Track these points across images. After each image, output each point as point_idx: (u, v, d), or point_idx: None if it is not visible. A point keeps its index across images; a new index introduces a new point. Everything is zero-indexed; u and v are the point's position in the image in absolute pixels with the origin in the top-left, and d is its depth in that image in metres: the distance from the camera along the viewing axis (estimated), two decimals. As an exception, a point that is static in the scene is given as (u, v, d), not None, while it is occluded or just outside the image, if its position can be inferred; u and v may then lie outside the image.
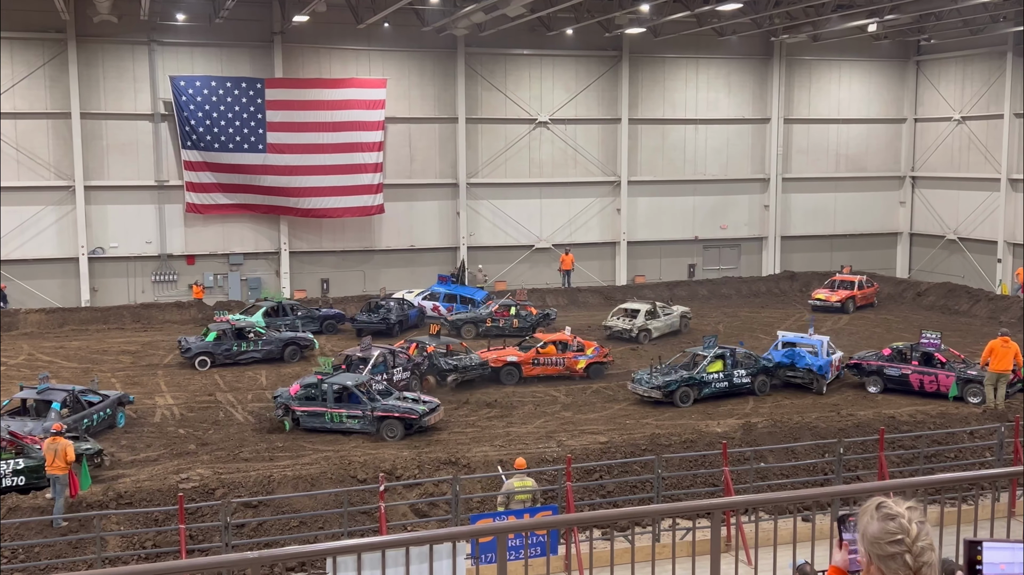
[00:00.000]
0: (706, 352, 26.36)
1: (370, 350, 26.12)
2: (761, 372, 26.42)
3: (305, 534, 16.29)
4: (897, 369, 26.33)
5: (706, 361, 26.03)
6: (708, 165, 45.42)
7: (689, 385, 25.47)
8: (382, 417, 22.64)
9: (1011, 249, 42.42)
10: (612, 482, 17.89)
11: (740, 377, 26.06)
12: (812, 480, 18.55)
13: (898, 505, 3.45)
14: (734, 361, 26.17)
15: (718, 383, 25.87)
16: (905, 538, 3.36)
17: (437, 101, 41.63)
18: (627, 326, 33.82)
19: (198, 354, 29.69)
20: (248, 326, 31.04)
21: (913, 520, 3.40)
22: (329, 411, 22.86)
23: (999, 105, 42.65)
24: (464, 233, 42.19)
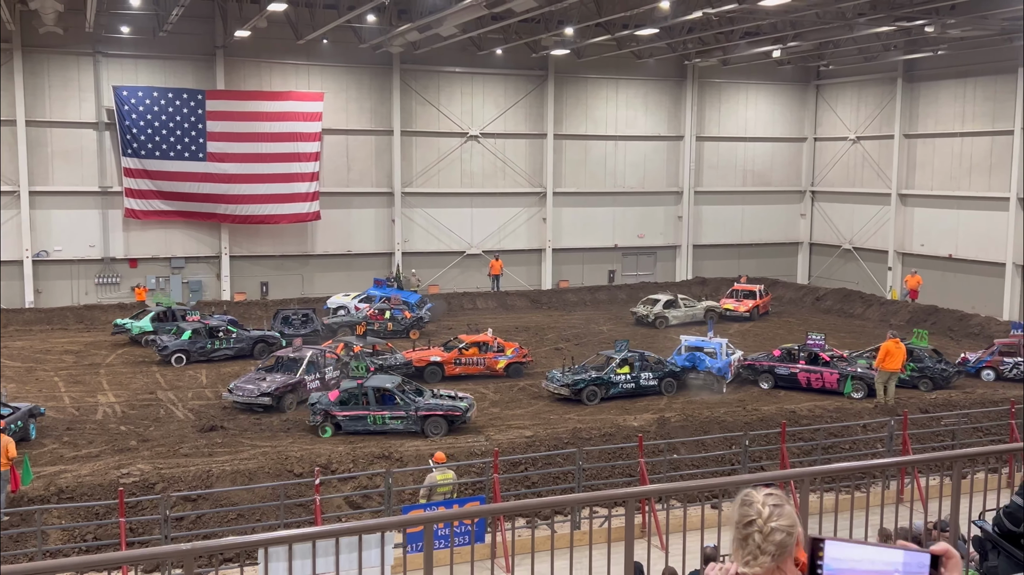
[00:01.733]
0: (616, 355, 26.57)
1: (302, 350, 25.85)
2: (668, 375, 26.64)
3: (243, 526, 15.99)
4: (786, 368, 26.91)
5: (615, 363, 26.23)
6: (627, 178, 45.87)
7: (597, 384, 25.56)
8: (426, 416, 22.00)
9: (900, 258, 43.68)
10: (536, 473, 17.94)
11: (647, 379, 26.26)
12: (720, 470, 18.82)
13: (758, 493, 3.49)
14: (642, 364, 26.39)
15: (625, 384, 26.00)
16: (757, 519, 3.39)
17: (373, 114, 41.33)
18: (646, 312, 36.51)
19: (174, 352, 29.32)
20: (219, 325, 30.53)
21: (767, 504, 3.43)
22: (372, 414, 22.08)
23: (890, 126, 43.90)
24: (399, 239, 41.94)
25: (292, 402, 24.37)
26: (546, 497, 16.91)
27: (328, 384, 25.42)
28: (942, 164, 41.76)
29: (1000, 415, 20.76)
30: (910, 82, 43.01)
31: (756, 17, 32.71)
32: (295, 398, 24.53)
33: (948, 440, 20.23)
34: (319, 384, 25.15)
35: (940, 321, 37.29)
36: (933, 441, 20.36)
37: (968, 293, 39.51)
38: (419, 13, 30.71)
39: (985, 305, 38.33)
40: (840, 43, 38.58)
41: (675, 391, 26.55)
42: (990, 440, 20.47)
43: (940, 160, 41.87)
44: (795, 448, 19.22)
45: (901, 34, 35.88)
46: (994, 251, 38.94)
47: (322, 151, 39.91)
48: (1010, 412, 19.96)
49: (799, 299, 43.95)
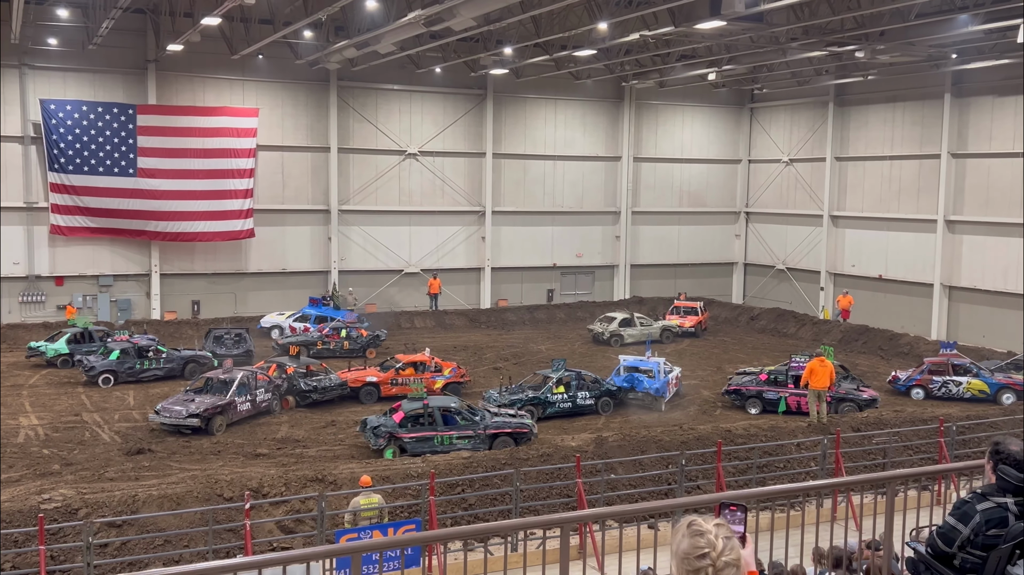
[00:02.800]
0: (552, 374, 26.49)
1: (232, 372, 25.34)
2: (605, 394, 26.57)
3: (170, 553, 15.49)
4: (775, 392, 26.79)
5: (551, 383, 26.10)
6: (565, 198, 46.12)
7: (533, 404, 25.40)
8: (495, 434, 22.11)
9: (832, 278, 44.58)
10: (474, 495, 17.74)
11: (584, 399, 26.18)
12: (657, 490, 18.85)
13: (707, 522, 3.45)
14: (579, 383, 26.24)
15: (562, 403, 25.86)
16: (711, 552, 3.36)
17: (310, 131, 40.92)
18: (602, 330, 36.65)
19: (102, 372, 28.58)
20: (149, 345, 29.80)
21: (719, 536, 3.39)
22: (439, 434, 21.93)
23: (822, 149, 44.92)
24: (335, 257, 41.48)
25: (221, 424, 23.85)
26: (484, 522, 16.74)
27: (259, 406, 24.99)
28: (872, 186, 42.84)
29: (930, 434, 21.19)
30: (841, 106, 44.08)
31: (692, 40, 33.23)
32: (224, 420, 23.99)
33: (880, 458, 20.57)
34: (250, 406, 24.73)
35: (871, 340, 38.10)
36: (865, 459, 20.68)
37: (898, 313, 40.48)
38: (356, 30, 30.54)
39: (914, 325, 39.31)
40: (773, 67, 39.41)
41: (612, 410, 26.55)
42: (920, 458, 20.86)
43: (870, 182, 42.94)
44: (731, 467, 19.35)
45: (832, 59, 36.77)
46: (922, 272, 39.99)
47: (257, 168, 39.36)
48: (939, 431, 20.38)
49: (734, 318, 44.55)
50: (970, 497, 5.24)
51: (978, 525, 5.03)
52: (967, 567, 5.10)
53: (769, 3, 24.07)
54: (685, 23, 27.16)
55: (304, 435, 23.91)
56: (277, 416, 25.69)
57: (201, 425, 23.30)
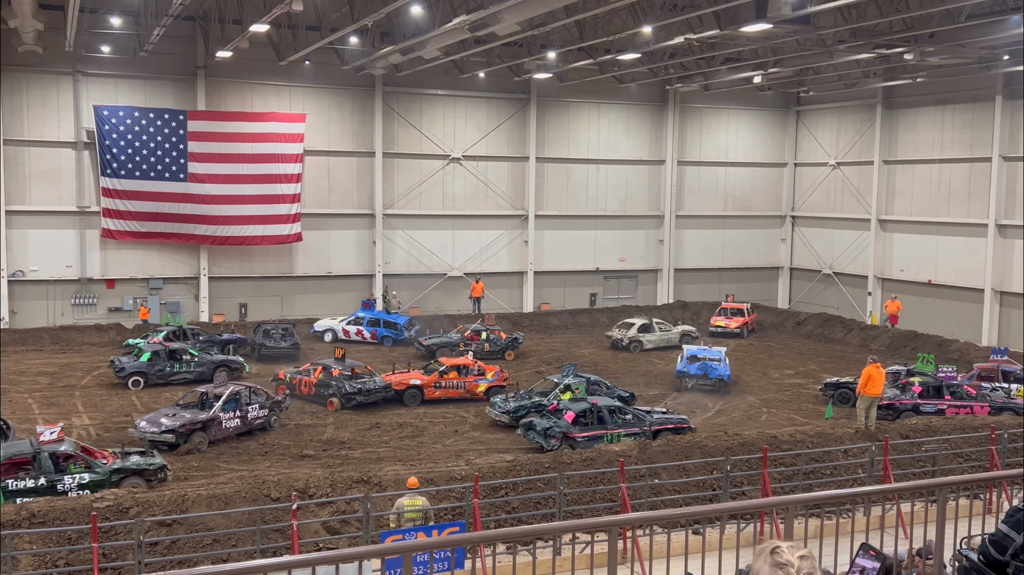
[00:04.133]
0: (561, 380, 25.97)
1: (224, 385, 24.35)
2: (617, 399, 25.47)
3: (218, 552, 15.74)
4: (933, 405, 26.03)
5: (557, 389, 25.44)
6: (608, 202, 46.03)
7: (538, 411, 24.54)
8: (658, 430, 22.87)
9: (880, 283, 43.97)
10: (517, 499, 17.77)
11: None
12: (702, 495, 18.73)
13: (791, 552, 3.38)
14: (587, 390, 25.33)
15: None
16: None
17: (355, 136, 41.32)
18: (620, 336, 36.35)
19: (131, 374, 28.79)
20: (181, 348, 30.08)
21: (802, 571, 3.33)
22: (609, 432, 22.62)
23: (870, 152, 44.33)
24: (380, 261, 41.83)
25: (202, 441, 22.59)
26: (527, 524, 16.77)
27: (251, 423, 23.86)
28: (921, 190, 42.19)
29: (980, 441, 20.83)
30: (889, 109, 43.49)
31: (737, 43, 33.02)
32: (206, 437, 22.75)
33: (929, 466, 20.27)
34: (239, 423, 23.57)
35: (920, 346, 37.47)
36: (913, 467, 20.38)
37: (947, 318, 39.80)
38: (401, 36, 30.80)
39: (964, 331, 38.62)
40: (820, 69, 38.99)
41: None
42: (970, 466, 20.51)
43: (919, 186, 42.29)
44: (776, 473, 19.18)
45: (880, 61, 36.31)
46: (973, 277, 39.28)
47: (303, 172, 39.81)
48: (990, 438, 20.03)
49: (779, 323, 44.11)
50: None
51: (1032, 534, 4.98)
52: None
53: (816, 5, 23.84)
54: (730, 26, 26.98)
55: (349, 437, 24.14)
56: (323, 418, 25.97)
57: (178, 441, 22.19)
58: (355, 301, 40.44)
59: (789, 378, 32.92)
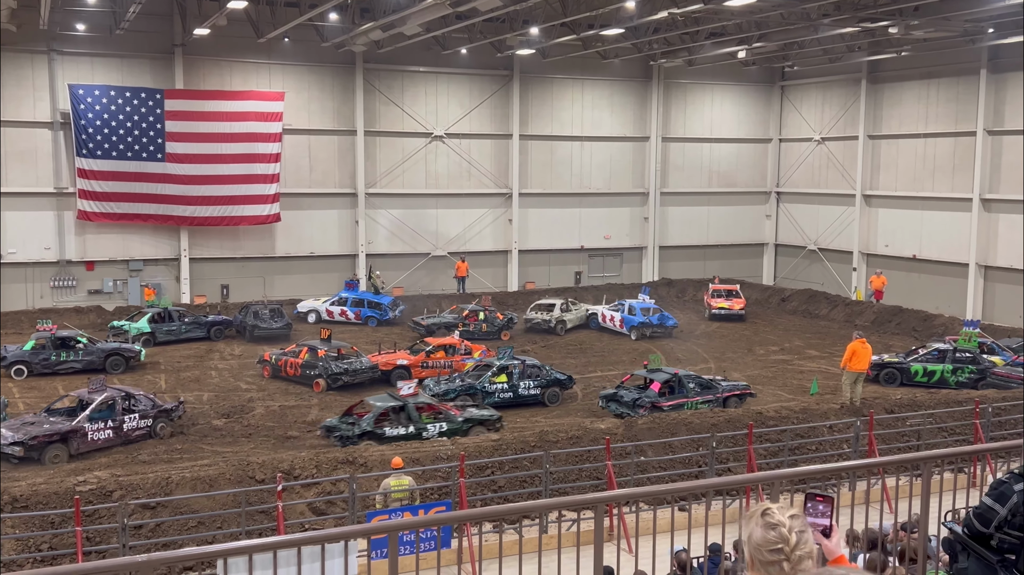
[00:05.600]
0: (495, 362, 25.74)
1: (100, 390, 21.54)
2: (553, 384, 25.64)
3: (203, 534, 15.75)
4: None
5: (490, 372, 25.29)
6: (593, 179, 45.98)
7: (469, 394, 24.57)
8: (727, 397, 24.27)
9: (865, 259, 44.19)
10: (503, 477, 17.87)
11: (527, 388, 25.23)
12: (688, 472, 18.88)
13: (781, 513, 3.39)
14: (522, 372, 25.32)
15: (502, 393, 24.93)
16: (784, 547, 3.32)
17: (336, 114, 41.05)
18: (546, 317, 35.81)
19: (13, 363, 27.28)
20: (71, 336, 28.57)
21: (794, 530, 3.34)
22: (689, 400, 23.69)
23: (854, 127, 44.41)
24: (363, 241, 41.69)
25: (58, 456, 20.19)
26: (513, 502, 16.83)
27: (128, 435, 21.40)
28: (906, 165, 42.34)
29: (965, 415, 21.04)
30: (874, 83, 43.55)
31: (721, 18, 32.94)
32: (65, 450, 20.37)
33: (913, 440, 20.47)
34: (111, 434, 21.13)
35: (905, 321, 37.77)
36: (899, 441, 20.58)
37: (932, 293, 40.07)
38: (382, 12, 30.55)
39: (949, 305, 38.90)
40: (805, 44, 38.97)
41: (559, 401, 25.69)
42: (955, 440, 20.73)
43: (904, 161, 42.44)
44: (762, 450, 19.33)
45: (865, 35, 36.31)
46: (957, 251, 39.53)
47: (283, 152, 39.56)
48: (974, 412, 20.23)
49: (765, 300, 44.30)
50: (1007, 477, 5.23)
51: (1016, 505, 5.04)
52: (1004, 547, 5.10)
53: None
54: (714, 0, 26.92)
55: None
56: (308, 399, 25.95)
57: (29, 455, 19.88)
58: (338, 281, 40.34)
59: (774, 354, 33.11)
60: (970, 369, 27.76)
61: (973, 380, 27.54)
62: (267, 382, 27.79)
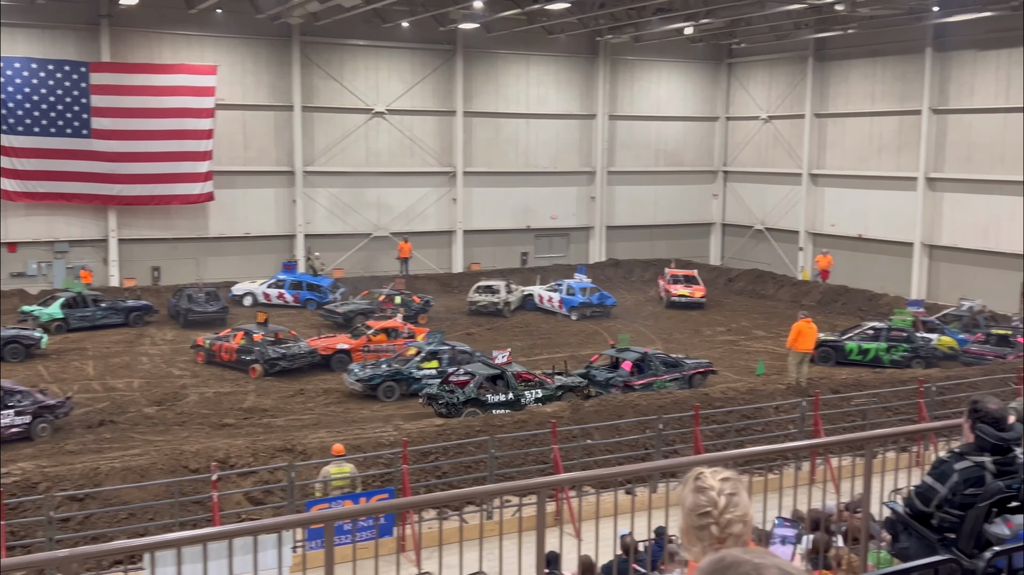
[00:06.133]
0: (425, 347, 25.55)
1: None
2: None
3: (135, 526, 15.50)
4: None
5: (418, 357, 25.01)
6: (539, 158, 45.99)
7: (395, 380, 24.37)
8: (692, 375, 25.12)
9: (811, 238, 44.93)
10: (448, 463, 17.86)
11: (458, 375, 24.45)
12: (635, 455, 19.05)
13: (713, 477, 3.38)
14: (452, 358, 25.02)
15: (430, 380, 24.39)
16: (712, 510, 3.32)
17: (272, 88, 40.43)
18: (494, 300, 35.65)
19: None
20: None
21: (723, 492, 3.34)
22: (659, 378, 24.62)
23: (801, 106, 45.01)
24: (301, 221, 41.22)
25: None
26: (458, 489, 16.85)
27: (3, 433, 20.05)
28: (852, 144, 43.06)
29: (909, 394, 21.54)
30: (821, 61, 44.14)
31: (668, -7, 33.06)
32: None
33: (859, 420, 20.90)
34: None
35: (851, 301, 38.51)
36: (844, 421, 21.00)
37: (878, 273, 40.88)
38: (320, -17, 30.12)
39: (894, 285, 39.73)
40: (751, 20, 39.35)
41: None
42: (900, 419, 21.21)
43: (850, 140, 43.16)
44: (709, 431, 19.57)
45: (812, 12, 36.74)
46: (902, 231, 40.36)
47: (216, 128, 38.87)
48: (919, 391, 20.72)
49: (712, 280, 44.74)
50: (948, 456, 5.35)
51: (956, 484, 5.15)
52: (945, 526, 5.22)
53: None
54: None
55: (272, 404, 23.91)
56: (244, 386, 25.64)
57: None
58: (276, 263, 39.85)
59: (721, 335, 33.56)
60: (904, 347, 28.45)
61: (907, 358, 28.27)
62: (201, 368, 27.40)
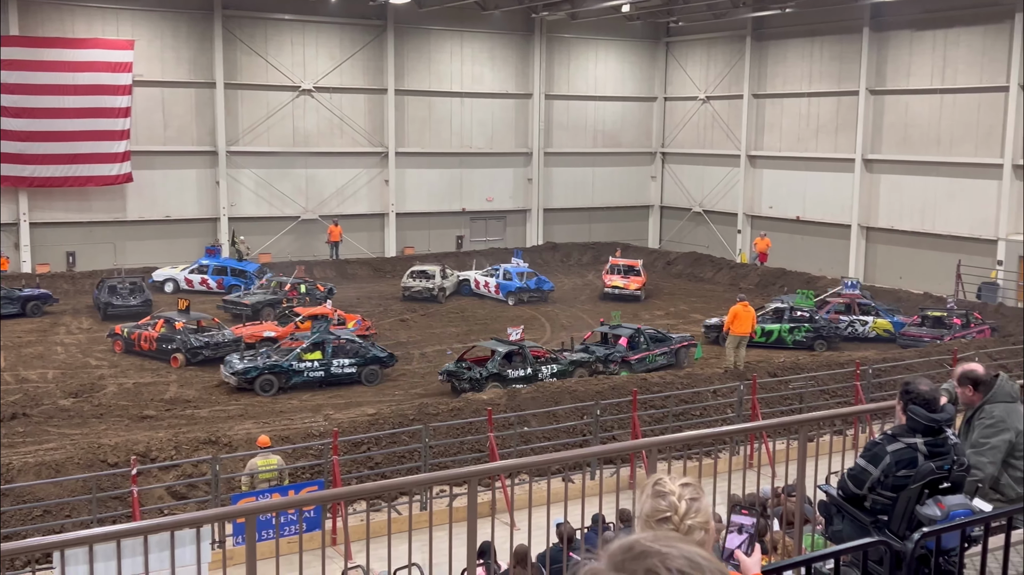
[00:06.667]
0: (310, 337, 25.07)
1: None
2: (372, 362, 24.90)
3: (50, 523, 15.16)
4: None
5: (299, 348, 24.48)
6: (474, 138, 45.87)
7: (274, 373, 23.78)
8: (678, 349, 26.61)
9: (749, 220, 45.60)
10: (380, 453, 17.81)
11: (341, 367, 24.42)
12: (572, 442, 19.21)
13: (672, 482, 3.39)
14: (335, 349, 24.59)
15: (312, 372, 24.16)
16: (673, 516, 3.32)
17: (193, 64, 39.62)
18: (429, 285, 35.37)
19: None
20: None
21: (684, 497, 3.34)
22: (651, 354, 25.99)
23: (739, 86, 45.57)
24: (225, 203, 40.55)
25: None
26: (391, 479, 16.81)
27: None
28: (790, 125, 43.76)
29: (846, 377, 22.04)
30: (759, 40, 44.72)
31: (605, -31, 33.14)
32: None
33: (796, 403, 21.34)
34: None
35: (789, 283, 39.18)
36: (782, 405, 21.42)
37: (815, 255, 41.70)
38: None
39: (832, 267, 40.56)
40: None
41: (379, 380, 24.90)
42: (837, 402, 21.71)
43: (788, 121, 43.85)
44: (646, 416, 19.81)
45: (750, -9, 37.14)
46: (840, 212, 41.20)
47: (134, 106, 37.99)
48: (855, 374, 21.21)
49: (650, 264, 45.12)
50: (881, 438, 5.48)
51: (888, 466, 5.26)
52: (877, 508, 5.34)
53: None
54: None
55: (195, 395, 23.56)
56: (165, 376, 25.20)
57: None
58: (198, 247, 39.15)
59: (660, 319, 33.89)
60: (806, 328, 29.15)
61: (810, 338, 29.04)
62: (120, 358, 26.85)
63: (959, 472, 5.33)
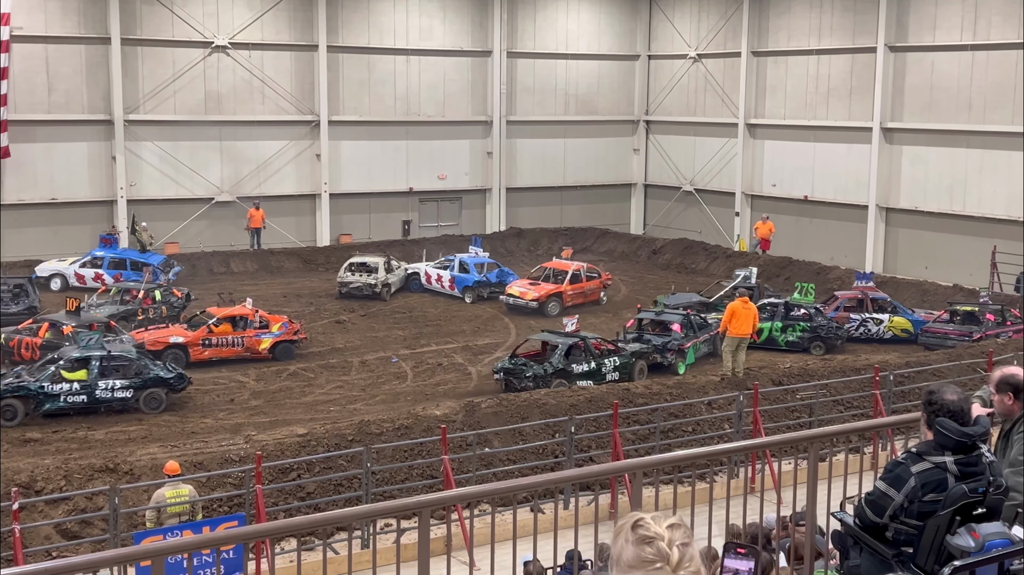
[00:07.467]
0: (84, 351, 23.70)
1: None
2: (155, 383, 23.70)
3: (-88, 572, 14.94)
4: None
5: (58, 364, 23.14)
6: (423, 104, 45.79)
7: (20, 397, 22.47)
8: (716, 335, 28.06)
9: (749, 201, 45.89)
10: (313, 481, 17.76)
11: (111, 389, 23.24)
12: (542, 464, 19.24)
13: (658, 523, 3.32)
14: (107, 368, 23.43)
15: (71, 396, 22.89)
16: (664, 566, 3.24)
17: (83, 17, 39.26)
18: (370, 280, 35.33)
19: None
20: None
21: (675, 542, 3.27)
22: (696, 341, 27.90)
23: (736, 42, 45.82)
24: (123, 183, 40.22)
25: None
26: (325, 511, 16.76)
27: None
28: (796, 88, 44.08)
29: (863, 385, 22.26)
30: (759, -12, 44.99)
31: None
32: None
33: (805, 416, 21.52)
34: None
35: (796, 274, 39.41)
36: (788, 418, 21.60)
37: (827, 241, 42.05)
38: None
39: (846, 255, 40.92)
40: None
41: (162, 406, 23.73)
42: (852, 414, 21.93)
43: (794, 83, 44.16)
44: (630, 433, 19.90)
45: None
46: (855, 192, 41.58)
47: (11, 66, 37.57)
48: (874, 381, 21.40)
49: (632, 253, 45.41)
50: (904, 458, 5.50)
51: (913, 490, 5.28)
52: (901, 539, 5.36)
53: None
54: None
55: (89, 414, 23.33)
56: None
57: None
58: (92, 236, 38.82)
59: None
60: (802, 327, 29.48)
61: (805, 340, 29.42)
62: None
63: (995, 495, 5.37)
